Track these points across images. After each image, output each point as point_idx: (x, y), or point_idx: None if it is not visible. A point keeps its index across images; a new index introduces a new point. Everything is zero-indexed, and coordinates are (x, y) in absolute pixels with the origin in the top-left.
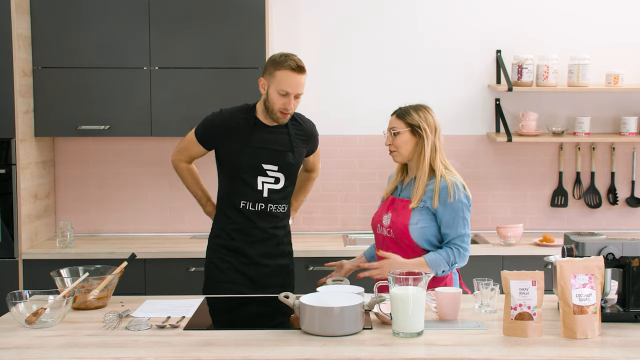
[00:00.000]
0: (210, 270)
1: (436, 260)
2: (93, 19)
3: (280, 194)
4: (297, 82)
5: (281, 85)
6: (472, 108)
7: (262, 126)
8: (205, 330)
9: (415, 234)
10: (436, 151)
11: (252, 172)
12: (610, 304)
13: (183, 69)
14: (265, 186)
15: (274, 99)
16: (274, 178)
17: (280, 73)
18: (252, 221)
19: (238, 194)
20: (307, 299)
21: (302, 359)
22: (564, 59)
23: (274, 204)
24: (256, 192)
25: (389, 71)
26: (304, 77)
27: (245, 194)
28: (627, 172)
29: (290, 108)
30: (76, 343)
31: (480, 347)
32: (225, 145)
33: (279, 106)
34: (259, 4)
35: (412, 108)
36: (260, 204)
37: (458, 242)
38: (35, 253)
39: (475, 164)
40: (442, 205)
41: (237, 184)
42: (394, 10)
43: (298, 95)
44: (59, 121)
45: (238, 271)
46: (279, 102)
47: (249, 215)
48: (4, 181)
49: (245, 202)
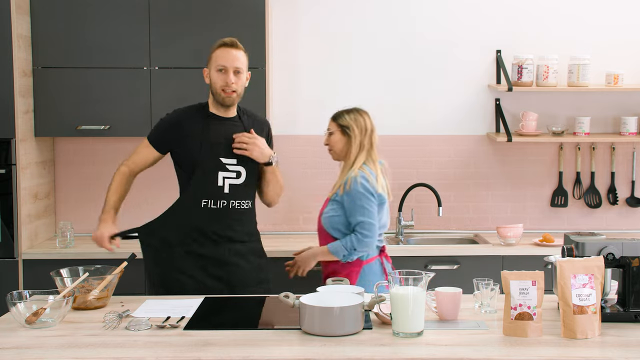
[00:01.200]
0: (177, 280)
1: (336, 247)
2: (93, 19)
3: (243, 190)
4: (232, 56)
5: (217, 62)
6: (472, 108)
7: (215, 118)
8: (205, 330)
9: (325, 222)
10: (362, 150)
11: (211, 168)
12: (610, 304)
13: (183, 69)
14: (227, 182)
15: (214, 79)
16: (234, 172)
17: (215, 52)
18: (215, 220)
19: (199, 192)
20: (307, 299)
21: (302, 359)
22: (564, 59)
23: (236, 200)
24: (217, 188)
25: (389, 71)
26: (240, 53)
27: (205, 192)
28: (627, 172)
29: (231, 83)
30: (76, 343)
31: (480, 347)
32: (181, 143)
33: (220, 83)
34: (259, 4)
35: (345, 111)
36: (222, 200)
37: (358, 228)
38: (35, 253)
39: (475, 164)
40: (346, 194)
41: (197, 182)
42: (394, 11)
43: (237, 70)
44: (59, 121)
45: (209, 276)
46: (219, 80)
47: (211, 214)
48: (4, 181)
49: (206, 201)
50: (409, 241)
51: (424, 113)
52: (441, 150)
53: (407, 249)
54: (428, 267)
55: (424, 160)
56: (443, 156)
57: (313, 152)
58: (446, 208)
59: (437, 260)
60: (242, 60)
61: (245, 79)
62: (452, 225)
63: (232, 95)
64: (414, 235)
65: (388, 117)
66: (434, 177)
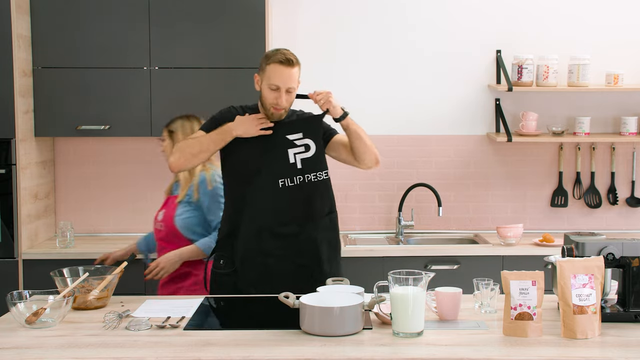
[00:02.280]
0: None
1: (207, 242)
2: (93, 19)
3: (316, 161)
4: (287, 76)
5: (271, 80)
6: (472, 108)
7: None
8: (205, 330)
9: (179, 225)
10: None
11: (280, 147)
12: (610, 304)
13: (183, 69)
14: (297, 157)
15: (265, 94)
16: (303, 146)
17: (270, 67)
18: (294, 198)
19: (273, 174)
20: (307, 299)
21: (302, 359)
22: (564, 59)
23: (311, 174)
24: (290, 165)
25: (389, 71)
26: (294, 71)
27: (280, 172)
28: (627, 172)
29: (282, 102)
30: (76, 343)
31: (480, 347)
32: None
33: (271, 101)
34: (259, 4)
35: (178, 117)
36: (298, 176)
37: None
38: (35, 253)
39: (475, 164)
40: (203, 194)
41: (268, 165)
42: (394, 11)
43: (289, 89)
44: (59, 121)
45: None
46: (271, 97)
47: (291, 193)
48: (4, 181)
49: (283, 180)
50: (409, 241)
51: (424, 113)
52: (441, 150)
53: (407, 249)
54: (428, 267)
55: (424, 160)
56: (443, 156)
57: None
58: (446, 208)
59: (437, 260)
60: (296, 77)
61: (295, 93)
62: (452, 225)
63: (280, 112)
64: (414, 235)
65: (388, 117)
66: (434, 177)
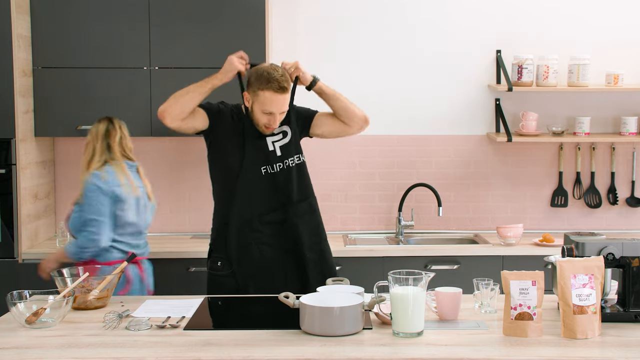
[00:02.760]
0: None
1: (70, 247)
2: (93, 19)
3: (292, 147)
4: (282, 102)
5: (265, 106)
6: (472, 108)
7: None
8: (205, 330)
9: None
10: (95, 153)
11: (258, 135)
12: (610, 304)
13: (183, 69)
14: (276, 145)
15: (258, 116)
16: (280, 133)
17: (264, 94)
18: (276, 184)
19: (255, 162)
20: (307, 299)
21: (302, 359)
22: (564, 59)
23: (289, 158)
24: (270, 153)
25: (389, 71)
26: (287, 95)
27: (261, 160)
28: (627, 172)
29: (275, 124)
30: (76, 343)
31: (480, 347)
32: (223, 125)
33: (264, 122)
34: (259, 4)
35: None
36: (278, 163)
37: (85, 227)
38: (35, 253)
39: (475, 164)
40: (82, 195)
41: (249, 155)
42: (394, 10)
43: (283, 112)
44: (59, 121)
45: (280, 239)
46: (264, 120)
47: (272, 179)
48: (4, 181)
49: (265, 168)
50: (409, 241)
51: (424, 113)
52: (441, 150)
53: (407, 249)
54: (428, 267)
55: (424, 160)
56: (443, 156)
57: (311, 150)
58: (446, 208)
59: (437, 260)
60: (288, 100)
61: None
62: (452, 225)
63: (271, 130)
64: (414, 235)
65: (388, 117)
66: (434, 177)
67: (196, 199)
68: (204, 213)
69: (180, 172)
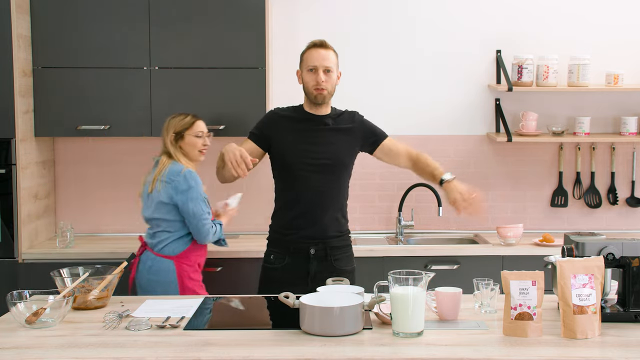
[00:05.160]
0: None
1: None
2: (93, 19)
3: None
4: (322, 56)
5: (308, 63)
6: (472, 108)
7: (307, 116)
8: (205, 330)
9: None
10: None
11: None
12: (610, 304)
13: (183, 69)
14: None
15: (306, 79)
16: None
17: (306, 54)
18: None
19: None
20: (307, 299)
21: (302, 359)
22: (564, 59)
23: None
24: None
25: (389, 71)
26: (329, 53)
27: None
28: (627, 172)
29: (321, 81)
30: (76, 343)
31: (480, 347)
32: (277, 137)
33: (312, 83)
34: (259, 4)
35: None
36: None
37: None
38: (35, 253)
39: (475, 164)
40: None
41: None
42: (394, 11)
43: (327, 69)
44: (59, 121)
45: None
46: (311, 80)
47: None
48: (4, 181)
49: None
50: (409, 241)
51: (424, 113)
52: (441, 150)
53: (407, 249)
54: (428, 267)
55: None
56: (443, 156)
57: None
58: (446, 208)
59: (437, 260)
60: (332, 59)
61: (336, 77)
62: (452, 225)
63: (323, 93)
64: (414, 235)
65: (388, 117)
66: None
67: None
68: None
69: None
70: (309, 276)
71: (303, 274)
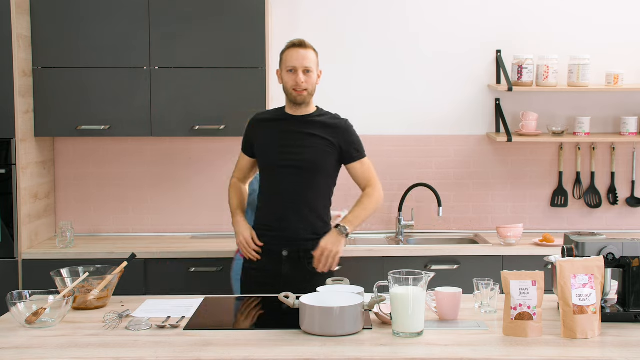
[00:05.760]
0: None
1: None
2: (93, 19)
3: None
4: (301, 56)
5: (287, 63)
6: (472, 108)
7: (287, 117)
8: (205, 330)
9: None
10: None
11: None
12: (610, 304)
13: (183, 69)
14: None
15: (285, 79)
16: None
17: (285, 54)
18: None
19: None
20: (307, 299)
21: (302, 359)
22: (564, 59)
23: None
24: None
25: (389, 71)
26: (309, 52)
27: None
28: (627, 172)
29: (301, 82)
30: (76, 343)
31: (480, 347)
32: (257, 140)
33: (290, 84)
34: (259, 4)
35: None
36: None
37: None
38: (35, 253)
39: (475, 164)
40: None
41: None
42: (394, 11)
43: (306, 69)
44: (59, 121)
45: None
46: (290, 80)
47: None
48: (4, 181)
49: None
50: (409, 241)
51: (424, 113)
52: (441, 150)
53: (407, 249)
54: (428, 267)
55: (424, 160)
56: (443, 156)
57: None
58: (446, 208)
59: (437, 260)
60: (311, 59)
61: (316, 77)
62: (452, 225)
63: (303, 94)
64: (414, 235)
65: (388, 117)
66: (434, 177)
67: (196, 199)
68: (204, 213)
69: (180, 172)
70: (281, 278)
71: (276, 275)
